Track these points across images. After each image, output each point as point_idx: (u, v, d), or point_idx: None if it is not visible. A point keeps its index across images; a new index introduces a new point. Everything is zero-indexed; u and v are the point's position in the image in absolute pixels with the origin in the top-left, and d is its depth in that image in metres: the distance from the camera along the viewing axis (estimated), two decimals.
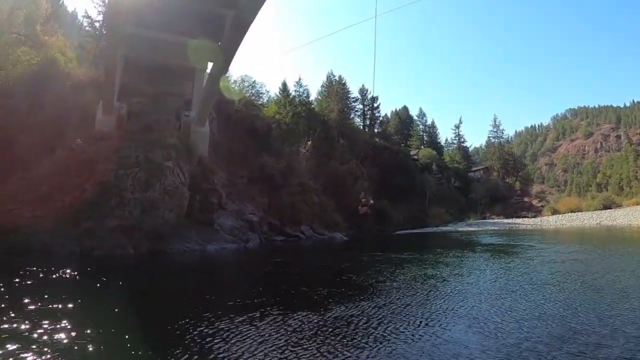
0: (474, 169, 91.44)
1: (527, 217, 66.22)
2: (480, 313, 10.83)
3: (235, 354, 8.08)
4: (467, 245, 31.17)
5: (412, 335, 9.27)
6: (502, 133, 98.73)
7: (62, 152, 22.95)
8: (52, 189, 20.85)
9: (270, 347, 8.52)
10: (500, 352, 8.06)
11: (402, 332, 9.49)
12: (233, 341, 8.79)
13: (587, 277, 15.61)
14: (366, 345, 8.68)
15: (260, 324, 10.11)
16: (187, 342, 8.72)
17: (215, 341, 8.78)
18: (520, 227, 52.32)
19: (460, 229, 50.93)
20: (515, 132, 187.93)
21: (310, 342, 8.94)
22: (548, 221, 57.03)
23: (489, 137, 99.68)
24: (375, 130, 69.33)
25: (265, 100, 56.51)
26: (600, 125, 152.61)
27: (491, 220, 62.30)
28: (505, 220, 60.89)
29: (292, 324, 10.17)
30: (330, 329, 9.85)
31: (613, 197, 73.28)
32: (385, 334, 9.40)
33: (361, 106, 70.42)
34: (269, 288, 16.37)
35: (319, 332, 9.64)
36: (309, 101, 57.19)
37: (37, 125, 22.30)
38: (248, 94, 52.23)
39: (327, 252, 27.37)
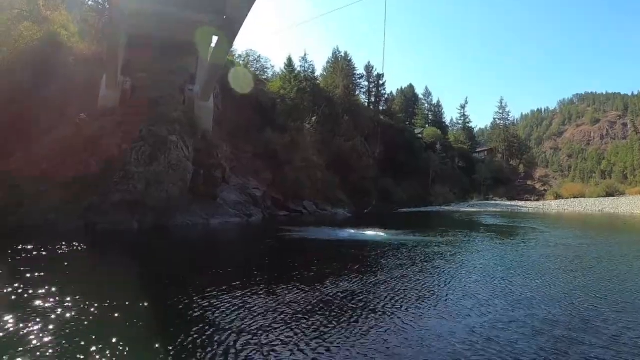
0: (478, 149, 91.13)
1: (530, 200, 66.35)
2: (479, 293, 10.78)
3: (234, 325, 8.17)
4: (469, 226, 31.26)
5: (409, 312, 9.23)
6: (508, 115, 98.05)
7: (66, 127, 22.80)
8: (56, 165, 20.76)
9: (270, 319, 8.59)
10: (506, 329, 8.07)
11: (400, 309, 9.45)
12: (233, 313, 8.90)
13: (587, 262, 15.60)
14: (360, 321, 8.65)
15: (261, 296, 10.20)
16: (189, 314, 8.83)
17: (217, 313, 8.88)
18: (523, 210, 52.35)
19: (462, 209, 51.02)
20: (521, 115, 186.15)
21: (310, 315, 8.99)
22: (550, 205, 57.00)
23: (494, 118, 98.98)
24: (381, 108, 68.59)
25: (270, 75, 56.03)
26: (607, 112, 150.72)
27: (494, 202, 62.25)
28: (508, 203, 60.79)
29: (291, 297, 10.25)
30: (329, 303, 9.89)
31: (617, 185, 73.22)
32: (384, 310, 9.43)
33: (367, 83, 69.78)
34: (270, 261, 16.46)
35: (318, 306, 9.67)
36: (314, 77, 56.39)
37: (40, 101, 22.12)
38: (253, 69, 51.83)
39: (328, 227, 27.41)
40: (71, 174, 21.13)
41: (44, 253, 13.65)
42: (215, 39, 26.98)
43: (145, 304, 9.02)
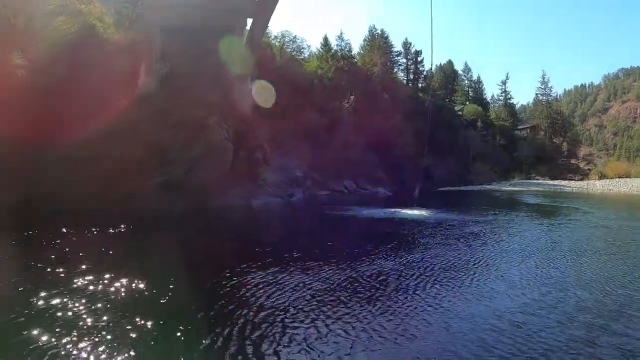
0: (520, 127, 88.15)
1: (574, 179, 64.02)
2: (513, 275, 10.70)
3: (268, 300, 8.59)
4: (510, 205, 30.64)
5: (438, 294, 9.26)
6: (551, 91, 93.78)
7: (106, 115, 23.31)
8: (97, 152, 21.09)
9: (302, 295, 8.98)
10: (535, 314, 7.97)
11: (430, 290, 9.51)
12: (268, 289, 9.32)
13: (628, 246, 15.02)
14: (389, 301, 8.83)
15: (296, 273, 10.57)
16: (228, 290, 9.30)
17: (252, 289, 9.32)
18: (566, 189, 50.67)
19: (504, 189, 50.00)
20: (565, 91, 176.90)
21: (340, 292, 9.29)
22: (595, 185, 54.81)
23: (536, 94, 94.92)
24: (420, 85, 67.31)
25: (306, 56, 55.73)
26: None
27: (536, 181, 60.62)
28: (551, 182, 59.05)
29: (326, 275, 10.55)
30: (361, 281, 10.15)
31: None
32: (414, 290, 9.50)
33: (405, 60, 68.42)
34: (309, 240, 16.73)
35: (349, 283, 9.95)
36: (351, 56, 55.78)
37: (80, 91, 22.50)
38: (289, 50, 51.68)
39: (368, 207, 27.50)
40: (112, 160, 21.54)
41: (87, 237, 14.23)
42: (250, 21, 27.06)
43: (185, 282, 9.43)
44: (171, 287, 9.11)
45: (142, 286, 9.07)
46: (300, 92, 40.12)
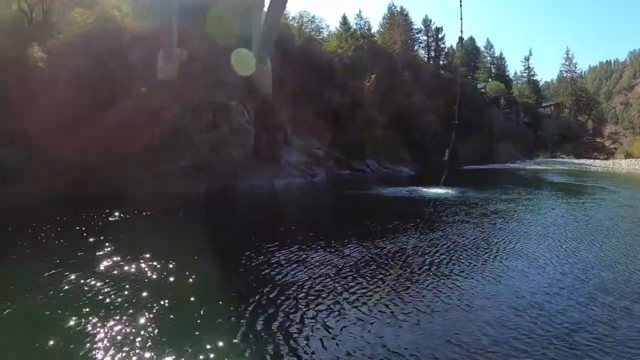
0: (544, 104, 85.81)
1: (599, 158, 62.26)
2: (534, 254, 10.55)
3: (294, 277, 8.78)
4: (534, 184, 30.19)
5: (459, 272, 9.24)
6: (575, 67, 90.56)
7: (127, 102, 23.59)
8: (120, 138, 21.52)
9: (323, 272, 9.11)
10: (555, 294, 7.86)
11: (450, 268, 9.50)
12: (291, 265, 9.53)
13: None
14: (409, 278, 8.86)
15: (318, 251, 10.76)
16: (252, 268, 9.52)
17: (278, 267, 9.51)
18: (591, 168, 49.66)
19: (528, 167, 49.34)
20: (589, 67, 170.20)
21: (360, 269, 9.38)
22: (620, 165, 53.17)
23: (560, 71, 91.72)
24: (441, 63, 65.97)
25: (325, 35, 55.10)
26: None
27: (561, 160, 59.37)
28: (576, 161, 57.70)
29: (347, 252, 10.72)
30: (382, 259, 10.25)
31: None
32: (434, 268, 9.52)
33: (425, 38, 66.95)
34: (331, 219, 17.11)
35: (371, 261, 10.06)
36: (370, 34, 54.95)
37: (99, 80, 22.89)
38: (307, 30, 51.10)
39: (390, 185, 27.40)
40: (137, 145, 22.04)
41: (116, 219, 14.56)
42: (267, 2, 26.76)
43: (211, 261, 9.72)
44: (198, 264, 9.39)
45: (170, 264, 9.32)
46: (320, 72, 39.74)
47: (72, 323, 6.49)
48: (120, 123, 21.92)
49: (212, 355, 5.75)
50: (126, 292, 7.72)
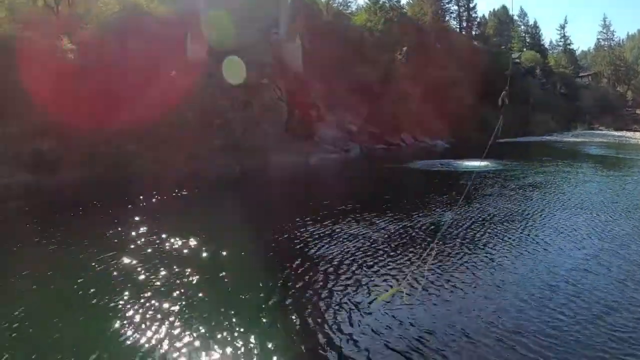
0: (581, 74, 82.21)
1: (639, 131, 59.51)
2: (569, 229, 10.29)
3: (328, 251, 8.89)
4: (573, 157, 29.31)
5: (500, 245, 9.14)
6: (613, 35, 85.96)
7: (159, 85, 23.76)
8: (154, 121, 21.84)
9: (363, 246, 9.17)
10: (591, 271, 7.63)
11: (482, 244, 9.38)
12: (328, 240, 9.64)
13: None
14: (448, 253, 8.79)
15: (352, 225, 10.82)
16: (286, 242, 9.70)
17: (312, 240, 9.65)
18: (631, 141, 47.44)
19: (565, 139, 47.81)
20: (628, 35, 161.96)
21: (391, 244, 9.39)
22: None
23: (598, 39, 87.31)
24: (473, 33, 63.99)
25: (353, 9, 54.28)
26: None
27: (599, 132, 57.16)
28: (615, 133, 55.38)
29: (381, 225, 10.77)
30: (413, 234, 10.24)
31: None
32: (465, 243, 9.46)
33: (456, 7, 64.86)
34: (366, 194, 16.98)
35: (401, 235, 10.06)
36: (400, 6, 53.57)
37: (131, 66, 23.20)
38: (335, 4, 50.38)
39: (426, 158, 27.12)
40: (170, 127, 22.43)
41: (152, 201, 14.81)
42: None
43: (245, 237, 9.96)
44: (233, 241, 9.63)
45: (206, 242, 9.56)
46: (350, 47, 39.27)
47: (108, 301, 6.69)
48: (153, 107, 22.13)
49: (241, 329, 5.88)
50: (162, 270, 7.95)
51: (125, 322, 6.08)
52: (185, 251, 9.09)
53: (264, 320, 6.19)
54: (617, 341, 5.39)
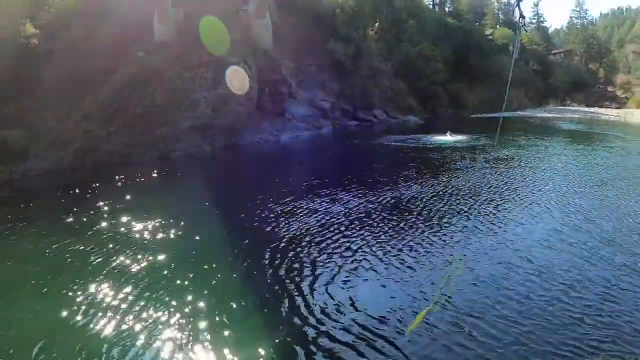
0: (554, 52, 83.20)
1: (610, 108, 60.71)
2: (543, 204, 10.33)
3: (298, 229, 8.83)
4: (544, 132, 29.70)
5: (465, 221, 9.14)
6: (586, 14, 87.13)
7: (127, 67, 23.22)
8: (122, 104, 21.45)
9: (330, 222, 9.13)
10: (553, 248, 7.59)
11: (456, 217, 9.41)
12: (299, 218, 9.58)
13: None
14: (415, 228, 8.77)
15: (326, 201, 10.81)
16: (258, 220, 9.60)
17: (284, 218, 9.59)
18: (602, 117, 48.51)
19: (538, 115, 48.39)
20: (601, 14, 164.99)
21: (368, 219, 9.36)
22: (632, 114, 51.78)
23: (571, 17, 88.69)
24: (447, 9, 63.59)
25: None
26: None
27: (571, 108, 58.06)
28: (587, 109, 56.46)
29: (355, 203, 10.71)
30: (389, 208, 10.21)
31: None
32: (433, 218, 9.44)
33: None
34: (339, 170, 16.92)
35: (378, 211, 10.02)
36: None
37: (97, 49, 22.55)
38: None
39: (398, 134, 27.06)
40: (139, 109, 21.84)
41: (122, 185, 14.50)
42: None
43: (217, 217, 9.87)
44: (205, 223, 9.51)
45: (177, 225, 9.36)
46: (321, 22, 38.40)
47: (60, 287, 6.49)
48: (121, 89, 21.75)
49: (215, 311, 5.72)
50: (121, 255, 7.72)
51: (76, 307, 5.88)
52: (147, 236, 8.82)
53: (226, 303, 6.01)
54: (572, 322, 5.24)
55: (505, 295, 5.88)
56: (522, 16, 4.17)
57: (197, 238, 8.48)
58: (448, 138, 23.67)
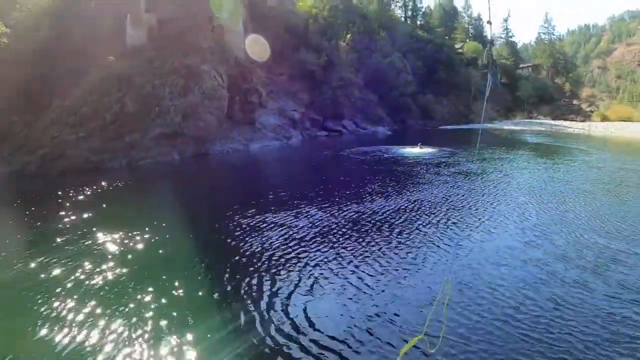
0: (522, 65, 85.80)
1: (575, 120, 62.85)
2: (504, 216, 10.51)
3: (267, 242, 8.71)
4: (511, 144, 30.40)
5: (427, 237, 9.06)
6: (554, 30, 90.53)
7: (96, 71, 22.80)
8: (91, 109, 21.02)
9: (297, 236, 9.04)
10: (512, 256, 7.83)
11: (418, 232, 9.35)
12: (267, 231, 9.40)
13: (624, 188, 14.52)
14: (380, 238, 8.78)
15: (293, 216, 10.61)
16: (225, 234, 9.35)
17: (251, 231, 9.38)
18: (567, 130, 50.18)
19: (505, 127, 49.57)
20: (568, 30, 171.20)
21: (338, 232, 9.30)
22: (596, 127, 53.78)
23: (539, 33, 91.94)
24: (418, 23, 64.87)
25: None
26: None
27: (538, 121, 59.69)
28: (552, 122, 58.16)
29: (322, 215, 10.65)
30: (358, 221, 10.12)
31: None
32: (405, 227, 9.54)
33: None
34: (307, 182, 16.80)
35: (348, 224, 9.92)
36: None
37: (67, 51, 22.21)
38: None
39: (366, 145, 27.28)
40: (108, 115, 21.46)
41: (88, 193, 14.04)
42: None
43: (184, 228, 9.59)
44: (172, 234, 9.28)
45: (144, 236, 9.13)
46: (294, 33, 38.64)
47: (40, 300, 6.28)
48: (90, 94, 21.29)
49: (188, 323, 5.66)
50: (85, 267, 7.50)
51: (40, 322, 5.67)
52: (110, 247, 8.53)
53: (186, 318, 5.86)
54: (521, 339, 5.28)
55: (455, 314, 5.90)
56: (492, 59, 4.36)
57: (160, 251, 8.30)
58: (417, 150, 24.00)
